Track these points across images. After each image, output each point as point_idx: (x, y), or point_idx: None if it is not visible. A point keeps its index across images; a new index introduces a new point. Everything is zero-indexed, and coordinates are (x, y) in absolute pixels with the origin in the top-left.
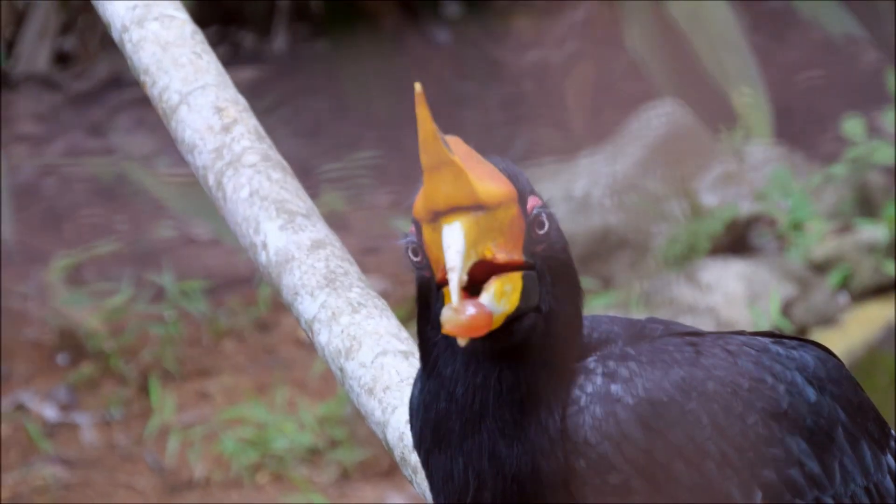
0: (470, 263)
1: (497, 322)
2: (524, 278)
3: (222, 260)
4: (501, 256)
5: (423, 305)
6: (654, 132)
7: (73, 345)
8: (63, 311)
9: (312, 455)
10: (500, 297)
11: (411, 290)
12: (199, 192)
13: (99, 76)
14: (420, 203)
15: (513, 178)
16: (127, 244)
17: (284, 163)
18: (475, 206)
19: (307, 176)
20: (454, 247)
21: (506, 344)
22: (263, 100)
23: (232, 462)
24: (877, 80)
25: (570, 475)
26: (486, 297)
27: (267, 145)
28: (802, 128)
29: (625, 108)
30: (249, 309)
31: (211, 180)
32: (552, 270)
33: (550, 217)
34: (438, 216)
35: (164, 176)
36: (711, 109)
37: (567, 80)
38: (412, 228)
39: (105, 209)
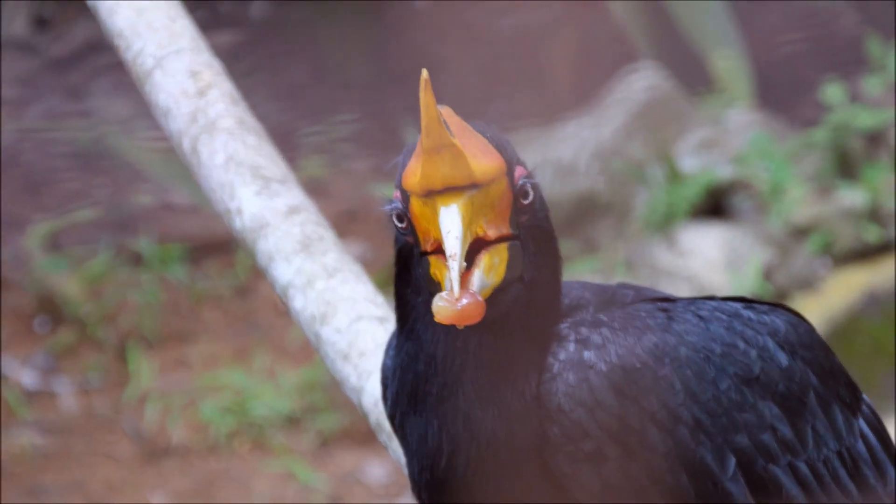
0: (467, 245)
1: (485, 296)
2: (510, 249)
3: (200, 226)
4: (493, 232)
5: (402, 268)
6: (634, 98)
7: (51, 311)
8: (41, 277)
9: (291, 422)
10: (489, 270)
11: (389, 255)
12: (177, 158)
13: (77, 40)
14: (414, 180)
15: (500, 148)
16: (105, 210)
17: (260, 128)
18: (470, 186)
19: (286, 140)
20: (454, 232)
21: (491, 316)
22: (242, 64)
23: (210, 429)
24: (857, 45)
25: (544, 442)
26: (478, 273)
27: (242, 109)
28: (782, 93)
29: (605, 73)
30: (228, 275)
31: (186, 145)
32: (535, 240)
33: (535, 186)
34: (433, 193)
35: (143, 141)
36: (692, 74)
37: (547, 44)
38: (396, 194)
39: (83, 174)
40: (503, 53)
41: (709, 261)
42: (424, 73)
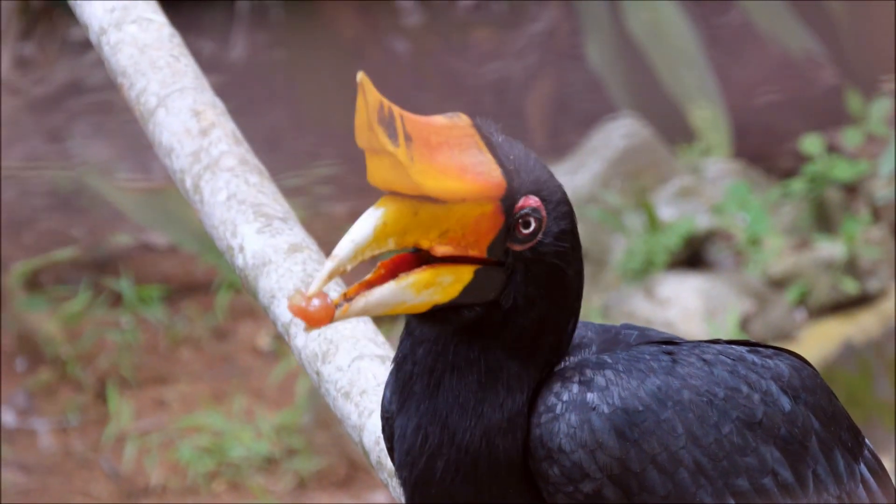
0: (376, 253)
1: (417, 309)
2: (478, 272)
3: (179, 267)
4: (442, 250)
5: None
6: (612, 145)
7: (30, 350)
8: (21, 317)
9: (269, 463)
10: (426, 286)
11: None
12: (157, 200)
13: (58, 82)
14: (367, 174)
15: (513, 172)
16: (85, 251)
17: (262, 167)
18: (420, 196)
19: None
20: (351, 233)
21: (443, 328)
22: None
23: (188, 469)
24: (835, 98)
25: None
26: (390, 285)
27: (244, 149)
28: (760, 144)
29: (583, 122)
30: (206, 316)
31: (188, 183)
32: (531, 271)
33: (551, 219)
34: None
35: (122, 183)
36: (670, 124)
37: (526, 92)
38: None
39: (63, 216)
40: (482, 100)
41: (687, 310)
42: (360, 74)
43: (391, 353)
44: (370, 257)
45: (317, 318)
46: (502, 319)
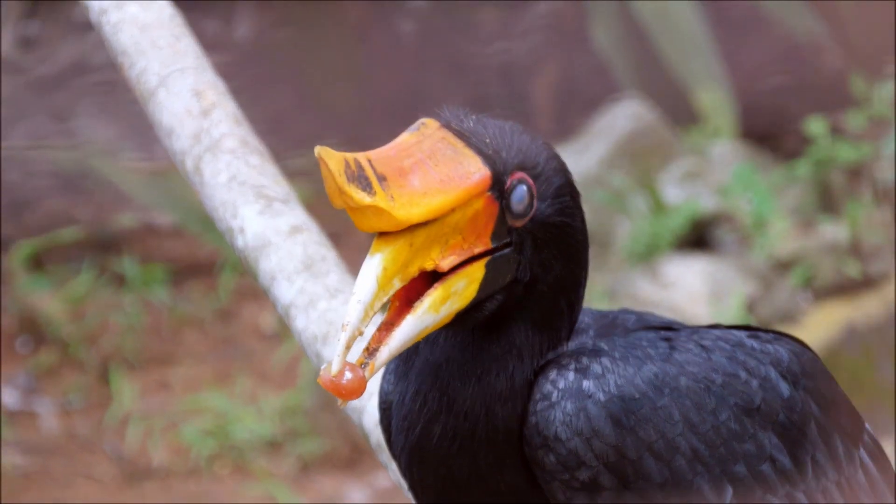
0: (386, 299)
1: (441, 324)
2: (488, 265)
3: (183, 248)
4: (448, 262)
5: None
6: (618, 128)
7: (33, 331)
8: (24, 297)
9: (272, 446)
10: (443, 302)
11: None
12: (161, 181)
13: (62, 61)
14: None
15: (494, 155)
16: (88, 231)
17: (263, 148)
18: (408, 227)
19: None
20: (357, 294)
21: (472, 324)
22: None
23: (191, 452)
24: (840, 82)
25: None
26: (410, 319)
27: (245, 130)
28: (766, 127)
29: (589, 104)
30: (210, 298)
31: (189, 164)
32: (538, 239)
33: (542, 183)
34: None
35: (127, 164)
36: (675, 106)
37: (532, 74)
38: None
39: (67, 196)
40: (488, 83)
41: (691, 293)
42: (317, 150)
43: None
44: (382, 306)
45: (350, 391)
46: (524, 293)
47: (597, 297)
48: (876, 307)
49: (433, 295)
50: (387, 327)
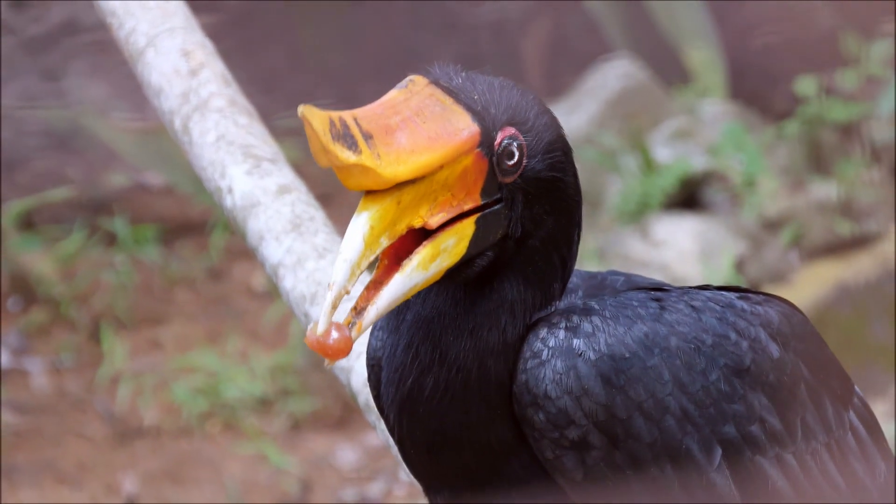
0: (373, 257)
1: (431, 281)
2: (478, 221)
3: (174, 207)
4: (437, 219)
5: None
6: (608, 87)
7: (24, 290)
8: (14, 256)
9: (263, 404)
10: (432, 259)
11: None
12: (152, 141)
13: (54, 21)
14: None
15: (483, 112)
16: (80, 191)
17: (251, 108)
18: (396, 184)
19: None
20: (343, 252)
21: (462, 280)
22: (218, 47)
23: (182, 410)
24: (832, 41)
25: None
26: (399, 278)
27: (234, 90)
28: (757, 86)
29: (579, 63)
30: (201, 257)
31: (177, 124)
32: (529, 194)
33: (532, 138)
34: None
35: (118, 123)
36: (666, 65)
37: (523, 33)
38: None
39: (58, 155)
40: (479, 41)
41: (682, 252)
42: (301, 109)
43: None
44: (368, 265)
45: (337, 351)
46: (516, 249)
47: (587, 255)
48: (867, 266)
49: (422, 253)
50: (375, 286)
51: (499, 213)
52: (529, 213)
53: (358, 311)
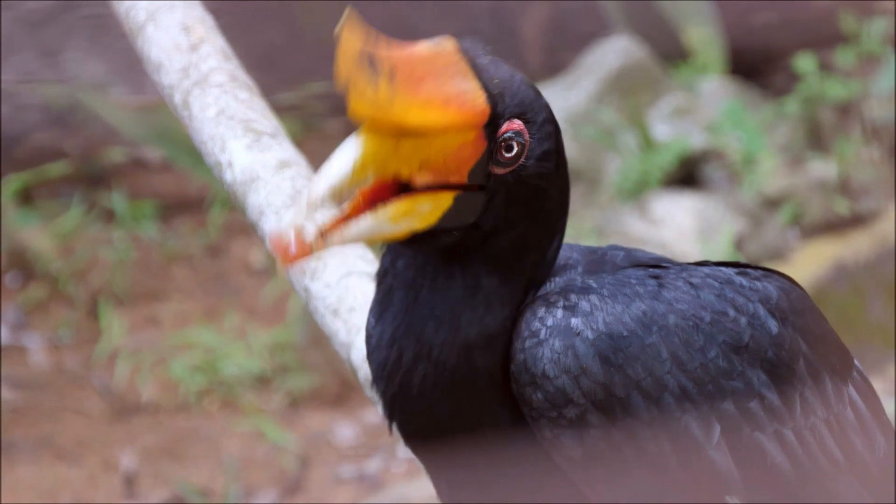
0: (355, 188)
1: (396, 236)
2: (457, 198)
3: (173, 184)
4: (422, 179)
5: None
6: (607, 64)
7: (22, 266)
8: (13, 232)
9: (261, 381)
10: (404, 216)
11: None
12: (151, 116)
13: None
14: (349, 105)
15: (498, 96)
16: (78, 166)
17: (251, 83)
18: (399, 129)
19: None
20: (331, 168)
21: (426, 249)
22: (218, 23)
23: (180, 387)
24: (830, 18)
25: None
26: (370, 219)
27: (234, 65)
28: (755, 63)
29: (578, 41)
30: (200, 233)
31: (177, 99)
32: (512, 194)
33: (535, 141)
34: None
35: (116, 99)
36: (664, 43)
37: (522, 11)
38: None
39: (56, 131)
40: (478, 18)
41: (681, 230)
42: (347, 11)
43: None
44: (350, 188)
45: (294, 255)
46: (481, 240)
47: (586, 233)
48: (865, 244)
49: (397, 205)
50: (344, 220)
51: (478, 199)
52: (505, 213)
53: (324, 234)
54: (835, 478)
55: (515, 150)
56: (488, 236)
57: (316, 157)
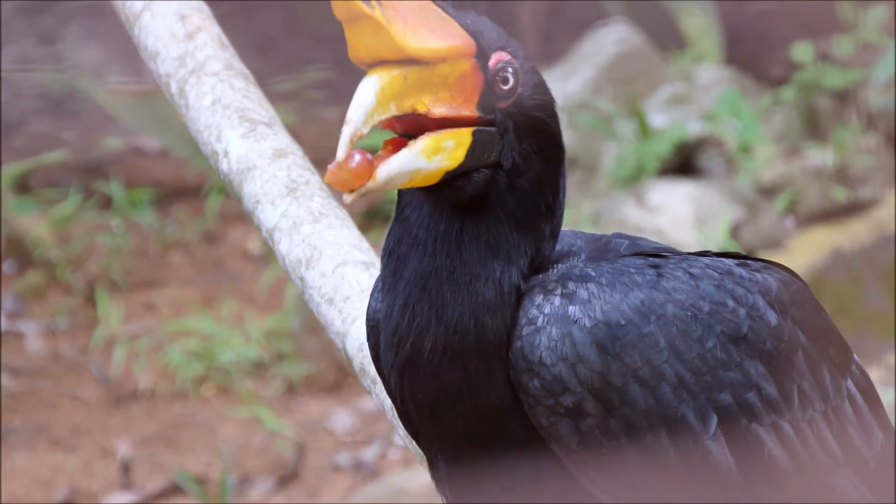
0: (383, 117)
1: (432, 178)
2: (475, 134)
3: (170, 171)
4: (439, 111)
5: None
6: (604, 52)
7: (19, 253)
8: (10, 219)
9: (258, 368)
10: (434, 152)
11: (361, 202)
12: (148, 104)
13: None
14: (350, 51)
15: (476, 33)
16: (75, 154)
17: (247, 72)
18: (404, 60)
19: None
20: (358, 99)
21: (457, 199)
22: (214, 11)
23: (177, 374)
24: (827, 7)
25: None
26: (407, 153)
27: (230, 54)
28: (752, 51)
29: (576, 29)
30: (197, 221)
31: (173, 88)
32: (519, 127)
33: (523, 72)
34: (367, 66)
35: (114, 87)
36: (662, 31)
37: (520, 0)
38: None
39: (54, 119)
40: (475, 5)
41: (677, 217)
42: None
43: (375, 260)
44: (378, 123)
45: (358, 175)
46: (506, 183)
47: (583, 221)
48: (862, 232)
49: (426, 140)
50: (380, 159)
51: (493, 134)
52: (519, 148)
53: (373, 164)
54: (832, 471)
55: (511, 80)
56: (511, 179)
57: (314, 146)
